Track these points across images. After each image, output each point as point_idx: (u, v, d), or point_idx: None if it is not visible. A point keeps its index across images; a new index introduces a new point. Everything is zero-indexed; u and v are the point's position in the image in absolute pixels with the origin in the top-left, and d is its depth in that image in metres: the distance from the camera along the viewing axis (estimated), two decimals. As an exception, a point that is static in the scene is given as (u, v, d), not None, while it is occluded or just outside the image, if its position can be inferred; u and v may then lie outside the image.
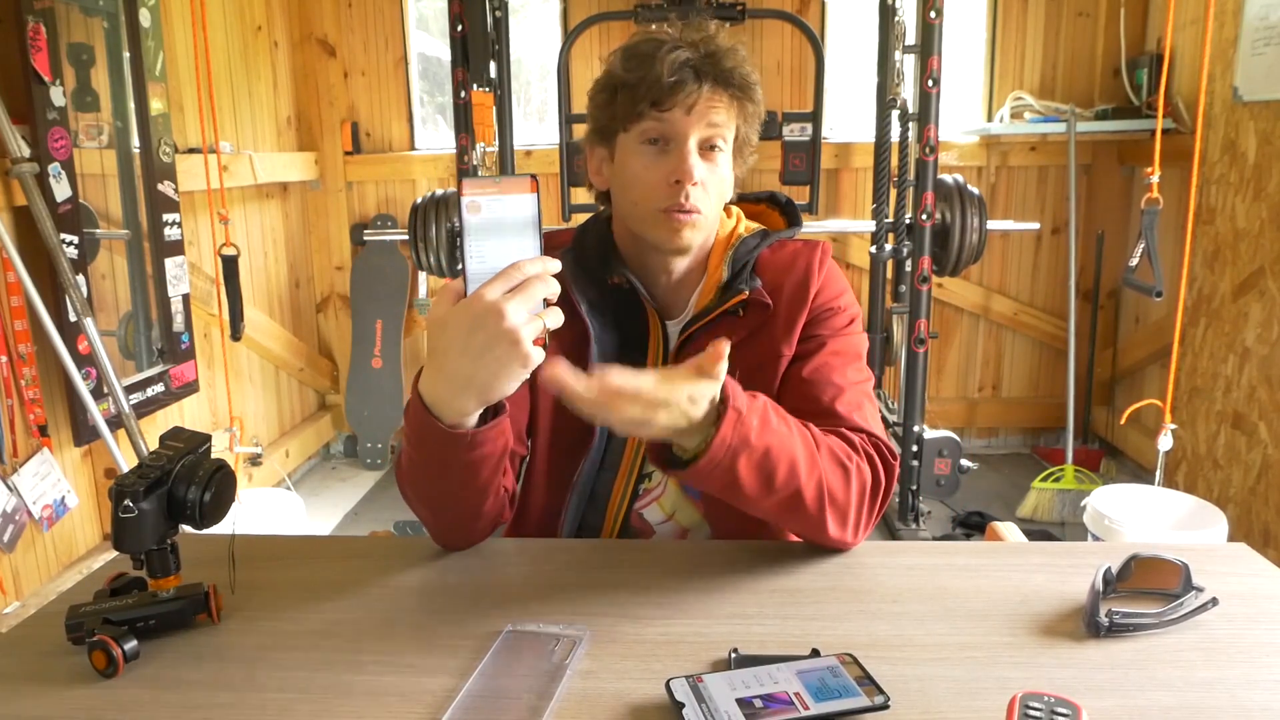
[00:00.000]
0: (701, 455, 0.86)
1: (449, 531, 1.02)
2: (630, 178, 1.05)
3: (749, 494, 0.90)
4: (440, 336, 0.82)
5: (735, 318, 1.07)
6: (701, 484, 0.93)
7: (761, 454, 0.88)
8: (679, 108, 1.01)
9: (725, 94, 1.02)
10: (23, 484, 2.10)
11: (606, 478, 1.11)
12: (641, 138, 1.03)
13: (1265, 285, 2.47)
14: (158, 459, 0.84)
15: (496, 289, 0.79)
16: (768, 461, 0.89)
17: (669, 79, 1.00)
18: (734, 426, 0.86)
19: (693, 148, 1.01)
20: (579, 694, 0.74)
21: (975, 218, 2.69)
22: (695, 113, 1.01)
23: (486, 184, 0.80)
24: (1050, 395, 3.71)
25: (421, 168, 3.68)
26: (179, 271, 2.64)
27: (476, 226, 0.80)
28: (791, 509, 0.93)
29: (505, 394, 0.85)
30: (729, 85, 1.02)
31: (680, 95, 1.00)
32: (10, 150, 2.00)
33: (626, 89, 1.03)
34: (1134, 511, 2.44)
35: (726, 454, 0.86)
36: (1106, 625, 0.81)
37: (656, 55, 1.01)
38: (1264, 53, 2.45)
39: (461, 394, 0.85)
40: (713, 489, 0.91)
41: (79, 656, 0.80)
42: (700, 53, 1.01)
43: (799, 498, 0.92)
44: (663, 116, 1.01)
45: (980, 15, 3.52)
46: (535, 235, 0.81)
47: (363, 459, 3.76)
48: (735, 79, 1.02)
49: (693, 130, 1.01)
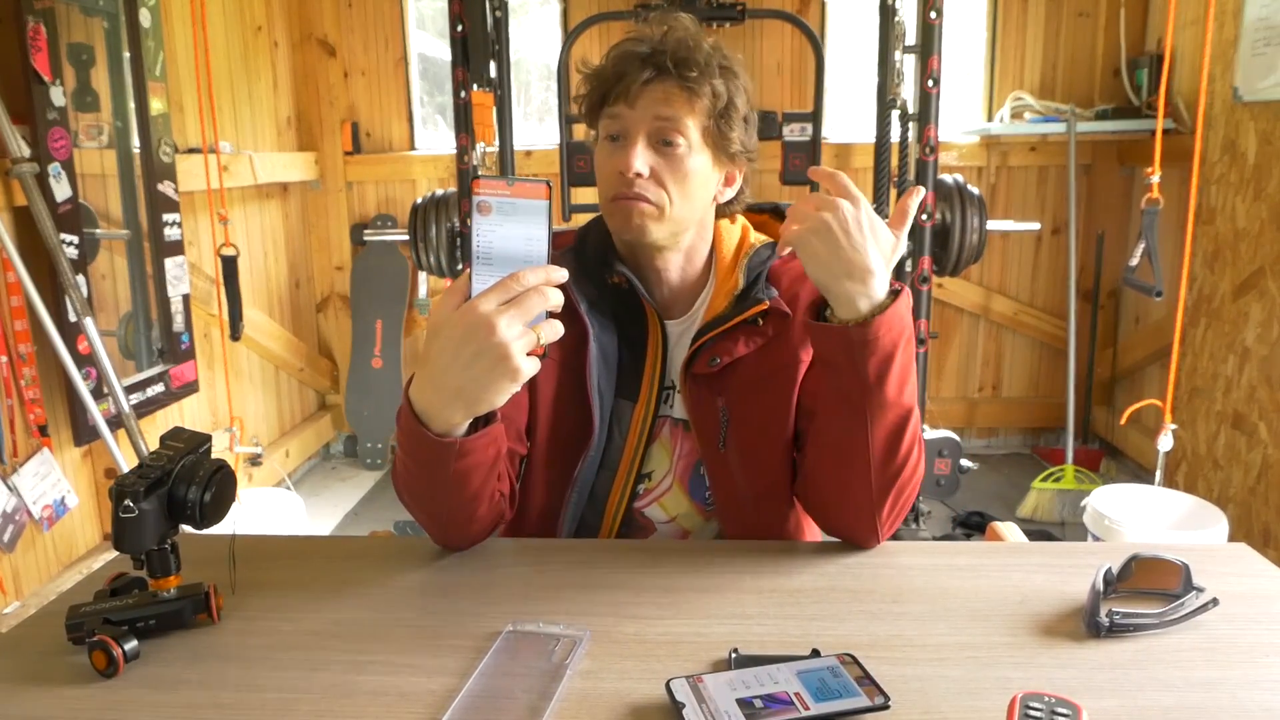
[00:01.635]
0: (883, 311, 0.89)
1: (446, 534, 1.02)
2: (597, 174, 1.07)
3: (893, 380, 0.92)
4: (433, 344, 0.82)
5: (754, 326, 1.07)
6: (873, 341, 0.90)
7: (909, 355, 0.93)
8: (623, 100, 1.01)
9: (673, 85, 1.00)
10: (23, 484, 2.10)
11: (606, 476, 1.11)
12: (604, 134, 1.05)
13: (1265, 285, 2.47)
14: (158, 459, 0.84)
15: (491, 300, 0.78)
16: (909, 367, 0.94)
17: (614, 71, 1.01)
18: (908, 307, 0.92)
19: (640, 140, 1.01)
20: (579, 694, 0.74)
21: (975, 218, 2.69)
22: (639, 105, 1.00)
23: (500, 185, 0.78)
24: (1050, 395, 3.71)
25: (421, 168, 3.68)
26: (179, 271, 2.64)
27: (486, 229, 0.79)
28: (896, 433, 0.95)
29: (493, 406, 0.85)
30: (671, 75, 1.00)
31: (621, 87, 1.00)
32: (10, 150, 2.00)
33: (587, 89, 1.05)
34: (1134, 511, 2.44)
35: (899, 324, 0.91)
36: (1107, 625, 0.81)
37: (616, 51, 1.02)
38: (1264, 53, 2.45)
39: (450, 404, 0.85)
40: (875, 356, 0.91)
41: (79, 656, 0.80)
42: (652, 45, 1.01)
43: (906, 423, 0.95)
44: (614, 112, 1.02)
45: (980, 15, 3.52)
46: (544, 242, 0.79)
47: (363, 459, 3.76)
48: (681, 69, 1.00)
49: (639, 122, 1.01)
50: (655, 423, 1.11)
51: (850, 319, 0.91)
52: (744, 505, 1.09)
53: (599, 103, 1.04)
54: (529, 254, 0.79)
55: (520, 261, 0.79)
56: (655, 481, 1.13)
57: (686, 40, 1.01)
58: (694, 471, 1.12)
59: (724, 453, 1.07)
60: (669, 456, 1.12)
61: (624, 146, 1.02)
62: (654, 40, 1.01)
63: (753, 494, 1.08)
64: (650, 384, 1.10)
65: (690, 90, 1.00)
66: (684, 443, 1.12)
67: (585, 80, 1.06)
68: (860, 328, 0.90)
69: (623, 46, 1.03)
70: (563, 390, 1.09)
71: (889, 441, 0.95)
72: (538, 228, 0.79)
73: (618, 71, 1.01)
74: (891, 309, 0.90)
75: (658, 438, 1.12)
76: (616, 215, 1.04)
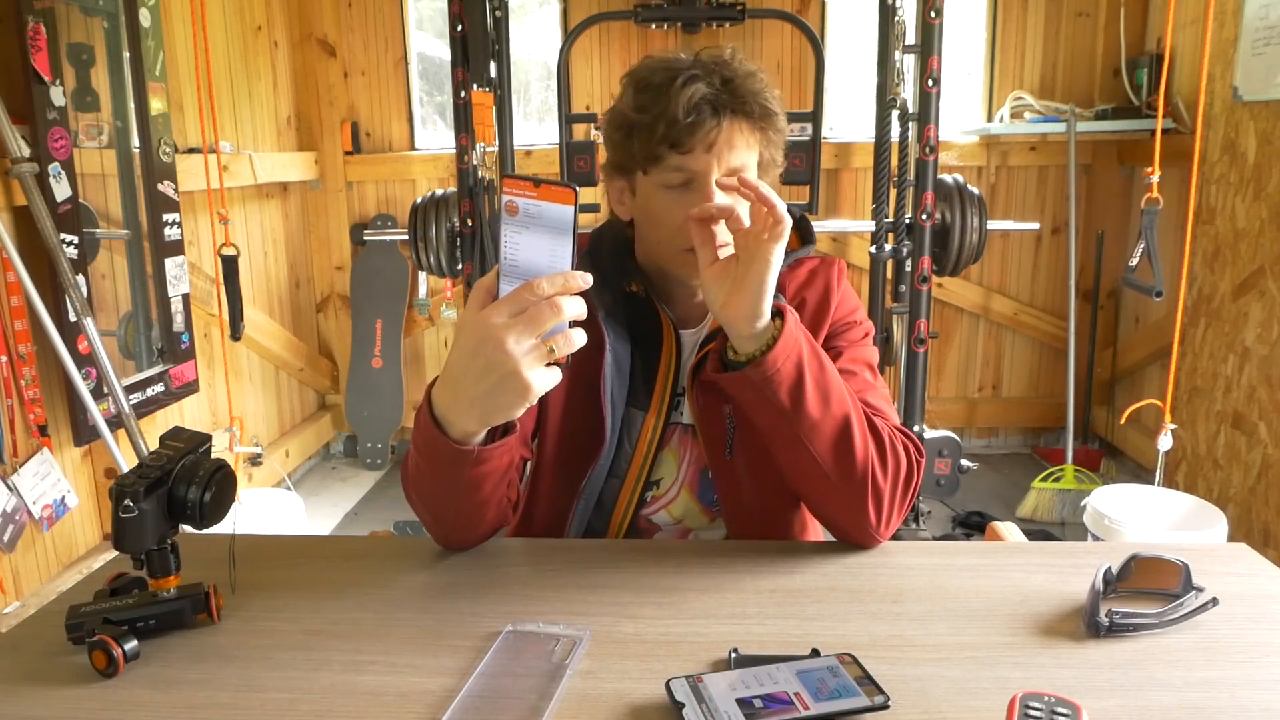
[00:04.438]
0: (774, 344, 0.89)
1: (450, 535, 1.01)
2: (653, 217, 1.03)
3: (811, 400, 0.91)
4: (453, 349, 0.81)
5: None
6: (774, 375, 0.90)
7: (818, 365, 0.92)
8: (699, 147, 0.97)
9: (746, 124, 0.98)
10: (23, 484, 2.10)
11: (614, 484, 1.11)
12: (665, 181, 1.00)
13: (1265, 285, 2.47)
14: (158, 459, 0.84)
15: (502, 313, 0.76)
16: (824, 377, 0.92)
17: (685, 119, 0.96)
18: (797, 324, 0.91)
19: (712, 186, 0.97)
20: (579, 694, 0.74)
21: (975, 218, 2.69)
22: (716, 150, 0.97)
23: (526, 185, 0.76)
24: (1050, 395, 3.71)
25: (421, 168, 3.67)
26: (179, 271, 2.64)
27: (512, 229, 0.77)
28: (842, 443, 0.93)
29: (509, 418, 0.83)
30: (749, 115, 0.98)
31: (699, 134, 0.96)
32: (10, 150, 2.00)
33: (642, 130, 0.99)
34: (1134, 511, 2.44)
35: (793, 347, 0.90)
36: (1106, 625, 0.81)
37: (669, 90, 0.96)
38: (1264, 53, 2.45)
39: (465, 414, 0.84)
40: (781, 387, 0.90)
41: (79, 656, 0.80)
42: (716, 84, 0.97)
43: (848, 430, 0.93)
44: (683, 158, 0.98)
45: (980, 15, 3.52)
46: (568, 248, 0.77)
47: (363, 459, 3.76)
48: (756, 108, 0.98)
49: (714, 167, 0.97)
50: (666, 431, 1.11)
51: (745, 355, 0.91)
52: (750, 511, 1.08)
53: (665, 147, 0.98)
54: (552, 260, 0.77)
55: (542, 268, 0.77)
56: (664, 489, 1.12)
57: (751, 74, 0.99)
58: (702, 476, 1.12)
59: (730, 460, 1.07)
60: (678, 463, 1.12)
61: (697, 192, 0.98)
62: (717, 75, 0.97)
63: (759, 500, 1.08)
64: (663, 393, 1.10)
65: (761, 130, 1.00)
66: (692, 448, 1.11)
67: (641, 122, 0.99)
68: (757, 367, 0.89)
69: (688, 93, 0.96)
70: (575, 397, 1.08)
71: (837, 453, 0.94)
72: (562, 233, 0.76)
73: (692, 122, 0.96)
74: (783, 335, 0.90)
75: (668, 445, 1.12)
76: (689, 265, 0.98)
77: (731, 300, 0.90)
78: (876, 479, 0.95)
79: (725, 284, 0.91)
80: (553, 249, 0.77)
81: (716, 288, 0.92)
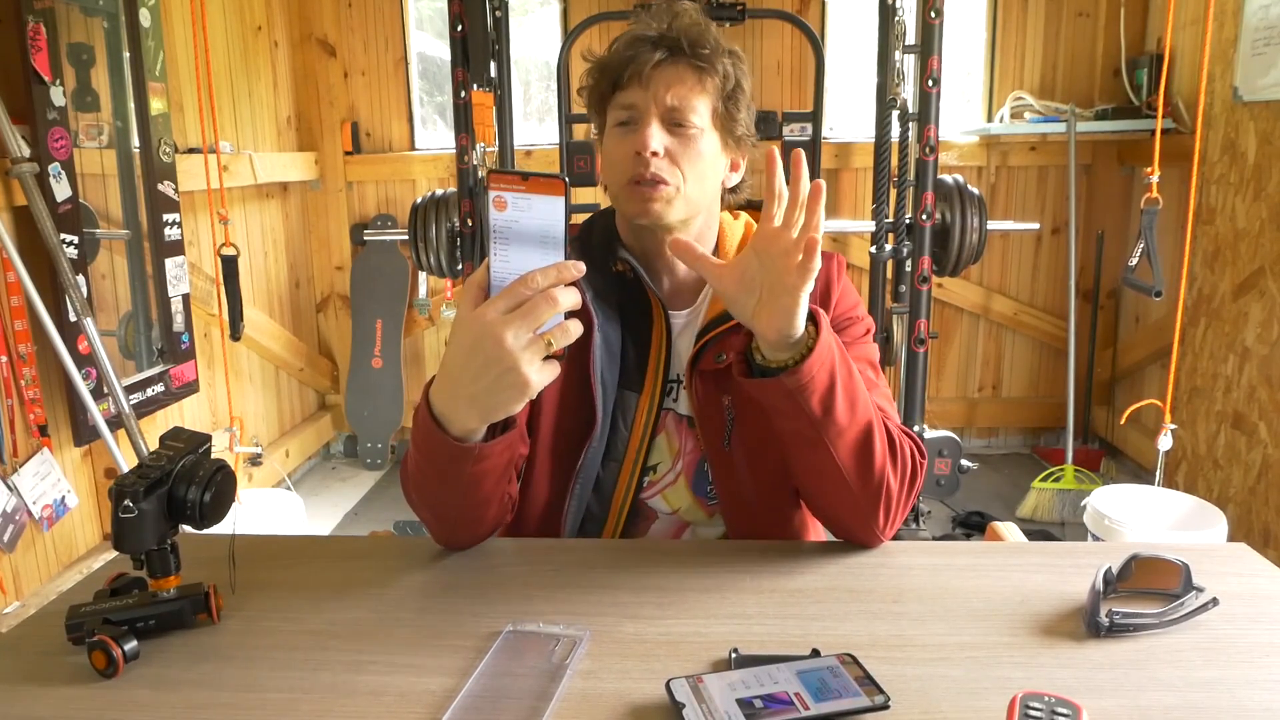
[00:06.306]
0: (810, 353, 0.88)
1: (450, 534, 1.01)
2: (606, 158, 1.06)
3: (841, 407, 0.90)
4: (450, 347, 0.81)
5: None
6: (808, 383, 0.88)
7: (848, 371, 0.91)
8: (635, 83, 1.01)
9: (684, 65, 1.01)
10: (23, 484, 2.10)
11: (611, 469, 1.11)
12: (613, 121, 1.04)
13: (1265, 285, 2.47)
14: (158, 459, 0.84)
15: (499, 307, 0.76)
16: (852, 384, 0.92)
17: (625, 54, 1.01)
18: (829, 330, 0.90)
19: (654, 121, 1.01)
20: (579, 694, 0.74)
21: (975, 218, 2.69)
22: (652, 85, 1.00)
23: (515, 180, 0.75)
24: (1050, 395, 3.71)
25: (421, 168, 3.68)
26: (179, 271, 2.64)
27: (501, 225, 0.76)
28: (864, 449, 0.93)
29: (508, 414, 0.83)
30: (683, 54, 1.00)
31: (634, 69, 1.00)
32: (10, 150, 2.00)
33: (594, 78, 1.05)
34: (1134, 511, 2.44)
35: (828, 354, 0.89)
36: (1107, 625, 0.81)
37: (624, 38, 1.02)
38: (1264, 53, 2.45)
39: (465, 411, 0.84)
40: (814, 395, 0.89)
41: (79, 656, 0.80)
42: (659, 29, 1.01)
43: (870, 436, 0.93)
44: (627, 98, 1.02)
45: (980, 15, 3.52)
46: (560, 240, 0.76)
47: (363, 459, 3.76)
48: (691, 49, 1.00)
49: (652, 102, 1.01)
50: (660, 414, 1.11)
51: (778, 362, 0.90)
52: (748, 504, 1.08)
53: (609, 89, 1.03)
54: (546, 251, 0.77)
55: (535, 261, 0.77)
56: (660, 474, 1.12)
57: (697, 22, 1.02)
58: (698, 468, 1.12)
59: (728, 451, 1.07)
60: (673, 450, 1.12)
61: (638, 128, 1.01)
62: (667, 22, 1.02)
63: (757, 493, 1.08)
64: (655, 375, 1.10)
65: (702, 70, 1.01)
66: (688, 439, 1.11)
67: (594, 69, 1.05)
68: (792, 375, 0.88)
69: (631, 33, 1.03)
70: (566, 381, 1.08)
71: (858, 459, 0.94)
72: (554, 225, 0.76)
73: (628, 55, 1.01)
74: (819, 343, 0.89)
75: (662, 430, 1.12)
76: (634, 199, 1.03)
77: (763, 313, 0.89)
78: (889, 482, 0.96)
79: (751, 293, 0.89)
80: (545, 242, 0.77)
81: (743, 296, 0.90)
